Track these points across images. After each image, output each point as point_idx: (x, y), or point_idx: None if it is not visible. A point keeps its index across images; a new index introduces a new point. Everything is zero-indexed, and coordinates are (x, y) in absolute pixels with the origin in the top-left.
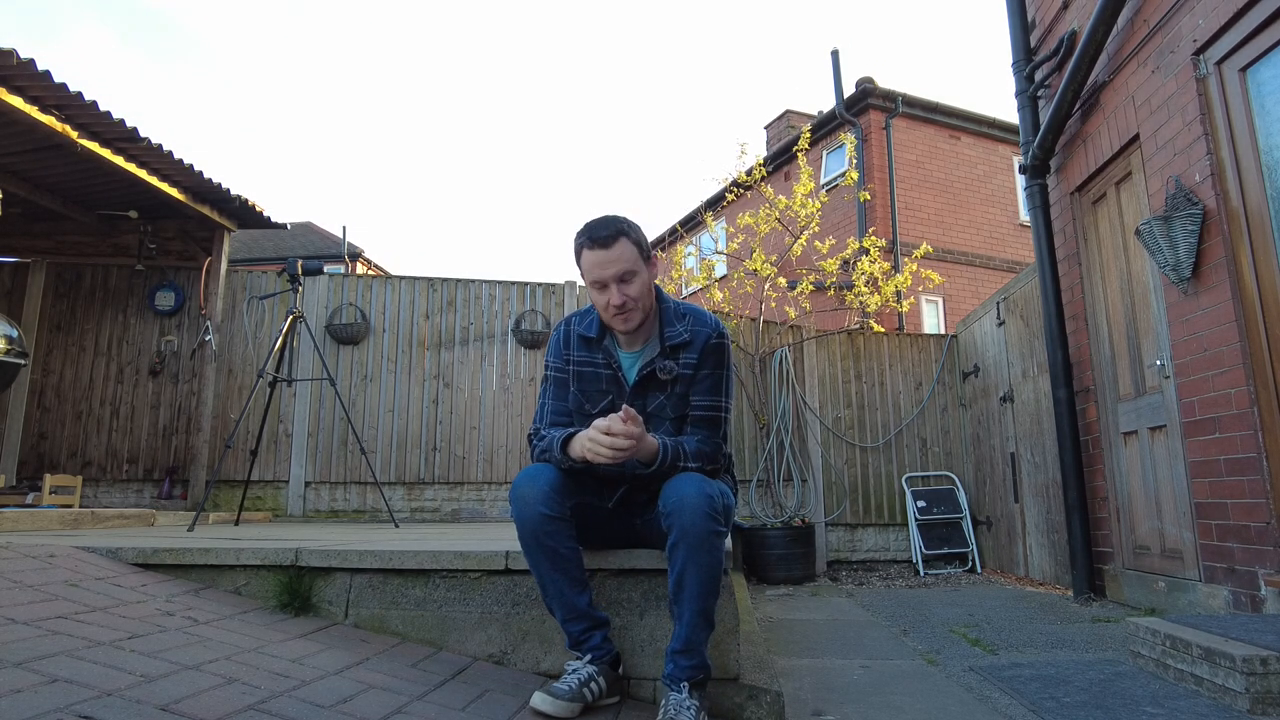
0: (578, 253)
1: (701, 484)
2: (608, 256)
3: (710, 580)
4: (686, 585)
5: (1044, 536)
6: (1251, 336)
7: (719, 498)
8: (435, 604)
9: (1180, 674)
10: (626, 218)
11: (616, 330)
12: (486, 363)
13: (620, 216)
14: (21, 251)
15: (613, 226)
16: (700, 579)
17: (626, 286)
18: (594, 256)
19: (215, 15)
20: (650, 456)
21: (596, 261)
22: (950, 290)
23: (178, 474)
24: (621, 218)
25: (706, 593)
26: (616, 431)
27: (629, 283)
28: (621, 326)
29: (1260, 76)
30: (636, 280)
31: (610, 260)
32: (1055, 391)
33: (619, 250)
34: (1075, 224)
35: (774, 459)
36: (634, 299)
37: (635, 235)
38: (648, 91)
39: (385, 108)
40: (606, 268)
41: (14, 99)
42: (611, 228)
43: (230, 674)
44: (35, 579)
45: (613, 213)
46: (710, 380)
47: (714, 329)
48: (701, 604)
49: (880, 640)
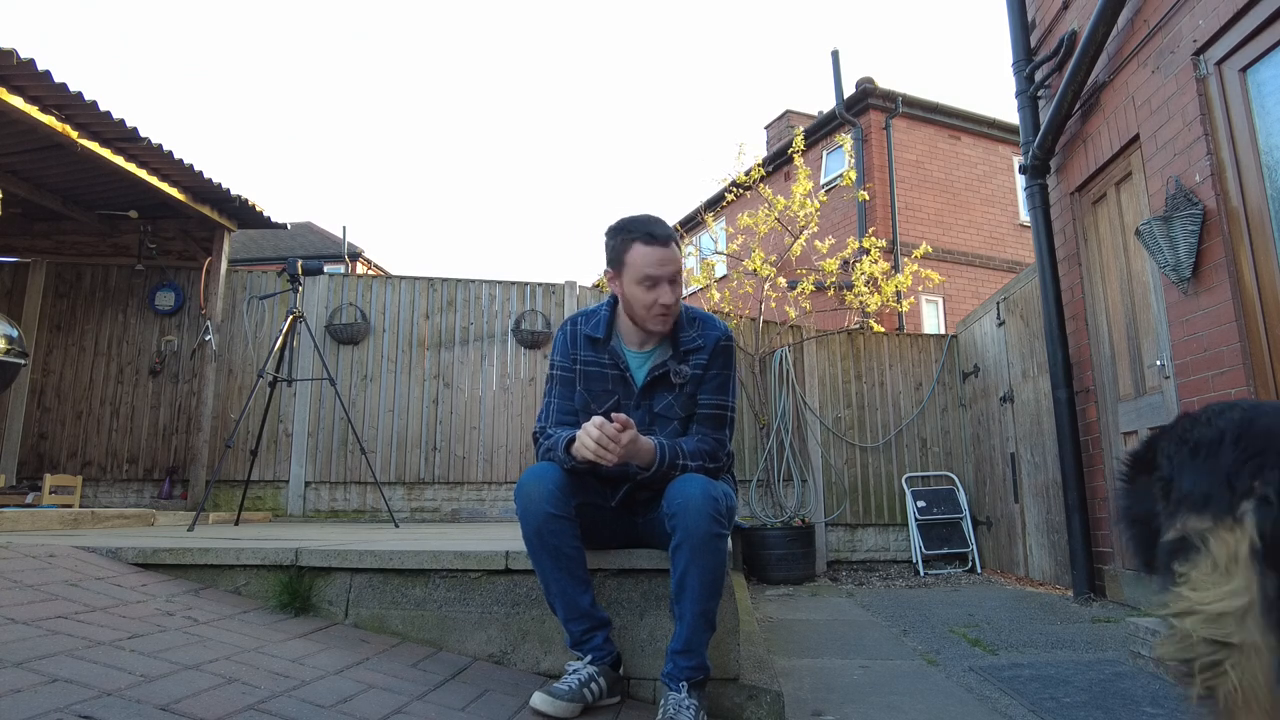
0: (624, 246)
1: (706, 486)
2: (668, 255)
3: (713, 582)
4: (689, 587)
5: (1044, 537)
6: (1251, 337)
7: (723, 500)
8: (435, 604)
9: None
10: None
11: (651, 331)
12: (487, 363)
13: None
14: (21, 251)
15: (670, 229)
16: (703, 581)
17: (676, 288)
18: (654, 254)
19: (215, 15)
20: (647, 460)
21: (657, 259)
22: (950, 290)
23: (178, 474)
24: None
25: (709, 594)
26: (609, 434)
27: (678, 284)
28: (660, 327)
29: (1260, 76)
30: (679, 285)
31: (670, 259)
32: (1055, 392)
33: (675, 251)
34: (1075, 224)
35: (774, 459)
36: (679, 301)
37: (679, 241)
38: (648, 91)
39: (385, 107)
40: (666, 265)
41: (14, 99)
42: (669, 229)
43: (230, 674)
44: (35, 579)
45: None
46: (718, 380)
47: (723, 333)
48: (703, 605)
49: (880, 640)
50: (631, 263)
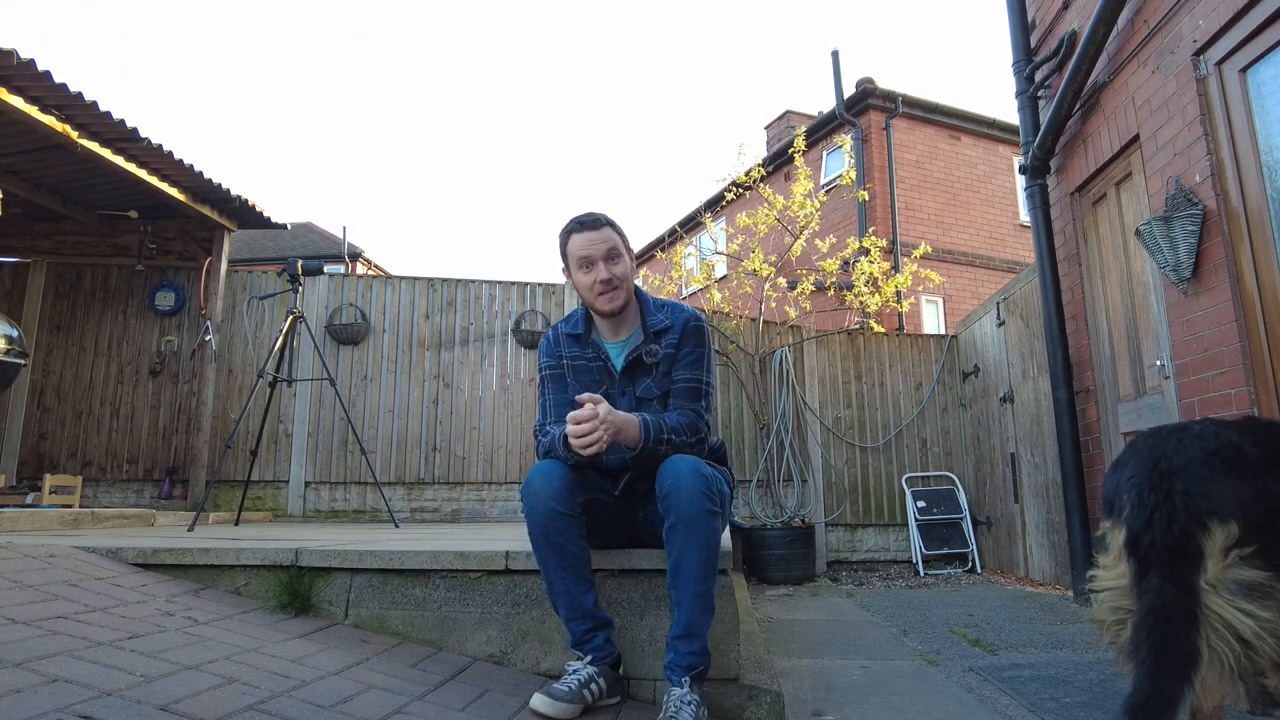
0: (564, 241)
1: (696, 465)
2: (596, 235)
3: (708, 561)
4: (685, 568)
5: (1044, 537)
6: (1251, 337)
7: (713, 479)
8: (435, 604)
9: None
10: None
11: (602, 311)
12: (487, 363)
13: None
14: (22, 251)
15: (598, 215)
16: (698, 559)
17: (613, 265)
18: (582, 237)
19: (215, 15)
20: (634, 437)
21: (585, 241)
22: (950, 290)
23: (178, 474)
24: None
25: (705, 574)
26: (583, 417)
27: (615, 261)
28: (607, 306)
29: (1260, 77)
30: (621, 261)
31: (596, 240)
32: (1055, 392)
33: (604, 234)
34: (1075, 224)
35: (774, 459)
36: (619, 277)
37: (618, 227)
38: (648, 92)
39: (385, 107)
40: (595, 245)
41: (14, 99)
42: (597, 216)
43: (230, 674)
44: (35, 579)
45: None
46: (691, 357)
47: (692, 314)
48: (700, 586)
49: (880, 640)
50: (570, 253)
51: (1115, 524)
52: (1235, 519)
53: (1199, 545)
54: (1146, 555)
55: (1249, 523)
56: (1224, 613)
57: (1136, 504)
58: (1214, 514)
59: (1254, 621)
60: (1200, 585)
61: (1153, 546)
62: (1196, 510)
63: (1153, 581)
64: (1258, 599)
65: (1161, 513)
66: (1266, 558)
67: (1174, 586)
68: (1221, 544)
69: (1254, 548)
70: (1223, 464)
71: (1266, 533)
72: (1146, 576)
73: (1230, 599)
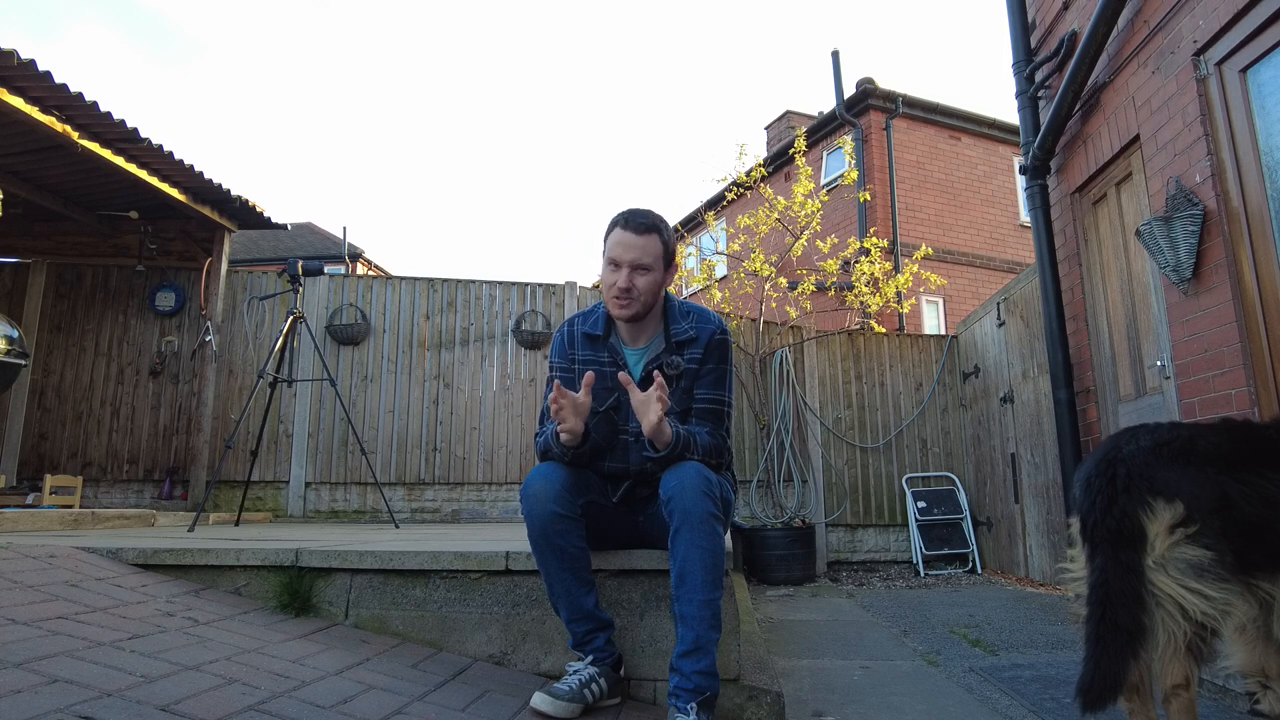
0: (609, 229)
1: (700, 470)
2: (634, 241)
3: (714, 567)
4: (690, 574)
5: (1044, 537)
6: (1252, 337)
7: (717, 484)
8: (435, 604)
9: None
10: (664, 219)
11: (612, 313)
12: (487, 363)
13: (660, 215)
14: (22, 252)
15: (651, 219)
16: (704, 564)
17: (637, 276)
18: (621, 237)
19: (216, 15)
20: (665, 443)
21: (621, 241)
22: (951, 291)
23: (178, 474)
24: (661, 216)
25: (712, 582)
26: (558, 403)
27: (641, 273)
28: (618, 311)
29: (1260, 77)
30: (648, 276)
31: (634, 245)
32: (1055, 392)
33: (646, 242)
34: (1075, 224)
35: (774, 459)
36: (639, 290)
37: (666, 235)
38: (648, 92)
39: (386, 108)
40: (628, 250)
41: (14, 99)
42: (650, 220)
43: (230, 674)
44: (36, 579)
45: (652, 209)
46: (714, 375)
47: (718, 326)
48: (707, 594)
49: (880, 641)
50: (607, 245)
51: (1073, 515)
52: (1181, 499)
53: (1141, 525)
54: (1093, 536)
55: (1197, 505)
56: (1171, 591)
57: (1084, 491)
58: (1159, 494)
59: (1203, 601)
60: (1146, 564)
61: (1096, 527)
62: (1139, 491)
63: (1097, 561)
64: (1210, 580)
65: (1104, 495)
66: (1217, 539)
67: (1117, 566)
68: (1167, 522)
69: (1200, 527)
70: (1170, 454)
71: (1220, 517)
72: (1094, 557)
73: (1179, 578)
